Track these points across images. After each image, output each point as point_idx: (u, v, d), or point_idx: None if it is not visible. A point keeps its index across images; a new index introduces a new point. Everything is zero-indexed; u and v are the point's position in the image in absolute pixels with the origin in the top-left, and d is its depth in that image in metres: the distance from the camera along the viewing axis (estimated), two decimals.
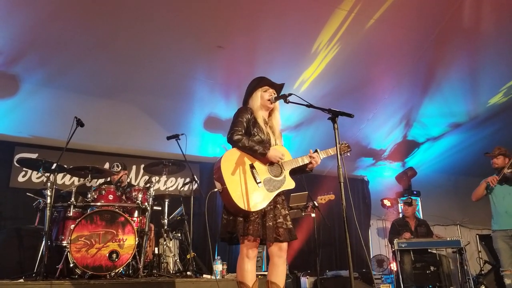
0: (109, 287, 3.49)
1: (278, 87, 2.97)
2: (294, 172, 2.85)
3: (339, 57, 5.51)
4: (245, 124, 2.78)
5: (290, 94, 2.75)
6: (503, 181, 4.71)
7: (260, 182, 2.64)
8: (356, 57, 5.58)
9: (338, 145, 2.50)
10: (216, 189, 2.66)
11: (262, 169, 2.70)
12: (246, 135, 2.74)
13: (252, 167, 2.68)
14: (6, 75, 5.04)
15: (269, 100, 2.87)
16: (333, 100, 5.87)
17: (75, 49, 4.90)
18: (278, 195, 2.72)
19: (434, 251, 5.89)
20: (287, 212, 2.73)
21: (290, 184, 2.75)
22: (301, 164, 2.82)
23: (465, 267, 5.62)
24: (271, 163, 2.74)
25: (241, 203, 2.54)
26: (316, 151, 2.88)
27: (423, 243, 5.74)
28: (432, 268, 5.76)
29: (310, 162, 2.85)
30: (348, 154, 3.06)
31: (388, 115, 6.78)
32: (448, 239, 5.81)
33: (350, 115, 2.53)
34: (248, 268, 2.63)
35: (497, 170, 4.82)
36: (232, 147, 2.76)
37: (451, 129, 7.24)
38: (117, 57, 5.10)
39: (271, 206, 2.66)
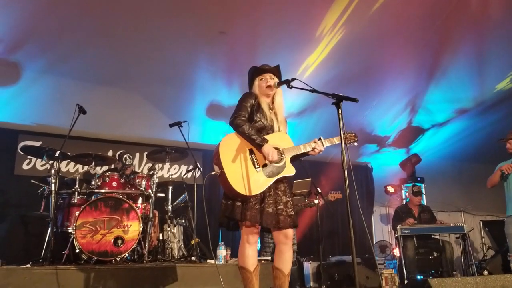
0: (115, 272, 3.53)
1: (275, 70, 2.92)
2: (295, 158, 2.84)
3: (344, 42, 5.44)
4: (249, 109, 2.77)
5: (293, 79, 2.71)
6: None
7: (258, 167, 2.63)
8: (361, 42, 5.50)
9: (342, 132, 2.48)
10: (214, 173, 2.66)
11: (261, 155, 2.68)
12: (248, 121, 2.72)
13: (251, 152, 2.67)
14: (8, 63, 5.03)
15: (267, 87, 2.84)
16: (337, 86, 5.81)
17: (76, 36, 4.86)
18: (279, 182, 2.71)
19: (438, 237, 5.90)
20: (288, 199, 2.70)
21: (290, 170, 2.72)
22: (303, 151, 2.79)
23: (468, 253, 5.63)
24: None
25: (238, 187, 2.54)
26: (320, 139, 2.84)
27: (427, 229, 5.74)
28: (435, 253, 5.77)
29: (313, 149, 2.81)
30: (355, 144, 2.98)
31: (393, 101, 6.72)
32: (451, 225, 5.81)
33: (354, 100, 2.51)
34: (249, 253, 2.65)
35: None
36: (233, 131, 2.75)
37: (456, 115, 7.18)
38: (119, 45, 5.06)
39: (271, 193, 2.65)
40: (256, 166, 2.63)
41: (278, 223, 2.60)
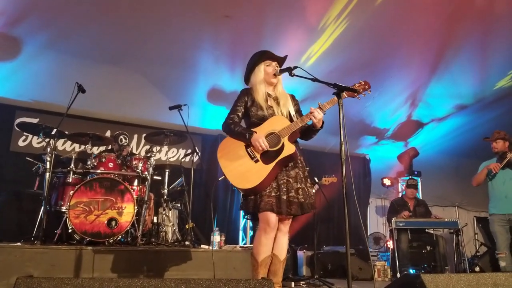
0: (107, 253, 3.52)
1: (281, 60, 2.91)
2: (304, 135, 2.84)
3: (347, 34, 5.38)
4: (242, 109, 2.81)
5: (295, 67, 2.69)
6: (506, 166, 4.69)
7: (255, 157, 2.64)
8: (365, 34, 5.44)
9: (342, 119, 2.45)
10: (220, 178, 2.71)
11: None
12: (238, 122, 2.78)
13: (247, 146, 2.70)
14: (8, 37, 4.94)
15: (273, 74, 2.81)
16: (339, 76, 5.70)
17: (78, 12, 4.78)
18: (290, 167, 2.70)
19: (431, 231, 5.92)
20: (299, 185, 2.68)
21: (289, 150, 2.65)
22: (300, 125, 2.70)
23: (461, 248, 5.66)
24: (267, 135, 2.68)
25: (239, 183, 2.61)
26: (318, 105, 2.73)
27: (421, 223, 5.77)
28: (428, 247, 5.81)
29: (312, 120, 2.72)
30: (369, 91, 2.77)
31: (394, 93, 6.68)
32: (446, 220, 5.83)
33: (355, 90, 2.49)
34: (262, 241, 2.64)
35: (497, 154, 4.80)
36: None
37: (456, 110, 7.17)
38: (122, 24, 4.98)
39: (284, 180, 2.65)
40: (253, 157, 2.65)
41: (291, 210, 2.62)
